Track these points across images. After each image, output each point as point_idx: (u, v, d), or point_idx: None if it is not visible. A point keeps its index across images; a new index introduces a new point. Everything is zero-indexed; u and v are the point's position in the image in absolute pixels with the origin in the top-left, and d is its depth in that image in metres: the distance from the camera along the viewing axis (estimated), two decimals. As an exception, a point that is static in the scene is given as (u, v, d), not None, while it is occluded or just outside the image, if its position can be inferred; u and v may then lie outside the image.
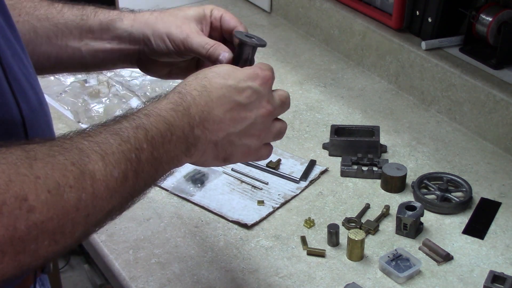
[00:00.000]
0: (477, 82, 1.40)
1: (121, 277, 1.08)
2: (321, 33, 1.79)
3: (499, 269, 1.07)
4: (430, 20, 1.51)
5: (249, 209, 1.21)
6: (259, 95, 0.82)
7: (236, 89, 0.80)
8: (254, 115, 0.82)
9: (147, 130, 0.71)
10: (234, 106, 0.80)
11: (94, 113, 1.44)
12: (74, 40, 0.93)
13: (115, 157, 0.66)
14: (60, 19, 0.93)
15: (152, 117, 0.73)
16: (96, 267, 2.01)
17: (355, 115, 1.50)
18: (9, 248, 0.57)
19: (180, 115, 0.75)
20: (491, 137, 1.39)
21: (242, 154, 0.84)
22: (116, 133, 0.68)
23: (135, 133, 0.70)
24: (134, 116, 0.72)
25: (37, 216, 0.58)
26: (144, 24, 0.92)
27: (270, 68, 0.85)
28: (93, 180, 0.63)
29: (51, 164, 0.60)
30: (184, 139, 0.76)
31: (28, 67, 0.75)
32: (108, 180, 0.65)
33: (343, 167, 1.30)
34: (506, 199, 1.24)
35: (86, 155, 0.64)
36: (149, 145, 0.71)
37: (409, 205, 1.16)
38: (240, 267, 1.09)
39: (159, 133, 0.72)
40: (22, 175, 0.58)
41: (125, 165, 0.67)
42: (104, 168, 0.65)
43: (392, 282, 1.06)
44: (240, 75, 0.81)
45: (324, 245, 1.13)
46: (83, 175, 0.62)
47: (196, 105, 0.77)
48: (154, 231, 1.17)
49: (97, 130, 0.68)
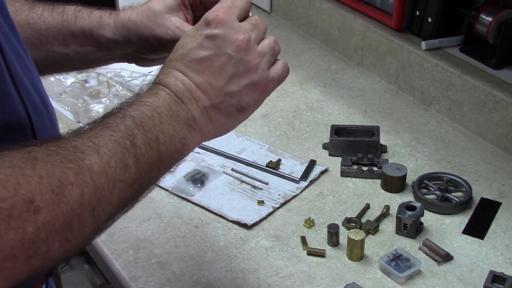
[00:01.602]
0: (477, 82, 1.40)
1: (121, 277, 1.08)
2: (321, 33, 1.79)
3: (499, 269, 1.07)
4: (430, 20, 1.51)
5: (249, 209, 1.21)
6: (219, 36, 0.76)
7: (196, 47, 0.76)
8: (228, 56, 0.76)
9: (133, 116, 0.71)
10: (203, 63, 0.76)
11: (94, 113, 1.44)
12: (59, 46, 0.92)
13: (109, 147, 0.66)
14: (42, 25, 0.92)
15: (134, 105, 0.73)
16: (96, 267, 2.01)
17: (355, 115, 1.50)
18: (21, 252, 0.57)
19: (161, 95, 0.74)
20: (491, 137, 1.39)
21: (251, 96, 0.78)
22: (105, 126, 0.69)
23: (123, 121, 0.70)
24: (117, 110, 0.72)
25: (43, 217, 0.58)
26: (126, 30, 0.91)
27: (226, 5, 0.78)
28: (92, 173, 0.63)
29: (50, 163, 0.61)
30: (176, 115, 0.74)
31: (32, 70, 0.75)
32: (107, 171, 0.65)
33: (343, 167, 1.30)
34: (506, 199, 1.24)
35: (81, 151, 0.64)
36: (141, 129, 0.70)
37: (409, 205, 1.16)
38: (240, 267, 1.09)
39: (145, 116, 0.71)
40: (27, 177, 0.58)
41: (121, 153, 0.67)
42: (101, 160, 0.65)
43: (392, 282, 1.06)
44: (192, 31, 0.77)
45: (324, 245, 1.13)
46: (82, 170, 0.63)
47: (169, 84, 0.75)
48: (154, 231, 1.17)
49: (88, 128, 0.69)
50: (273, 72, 0.81)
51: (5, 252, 0.55)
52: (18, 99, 0.69)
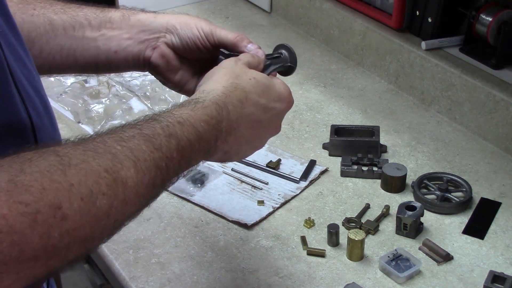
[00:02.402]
0: (477, 82, 1.40)
1: (121, 277, 1.08)
2: (321, 33, 1.79)
3: (499, 269, 1.07)
4: (430, 20, 1.51)
5: (249, 209, 1.21)
6: (279, 117, 0.86)
7: (265, 108, 0.83)
8: (266, 133, 0.86)
9: (178, 139, 0.72)
10: (256, 124, 0.83)
11: (94, 113, 1.44)
12: (92, 30, 0.94)
13: (146, 164, 0.66)
14: (79, 12, 0.94)
15: (185, 126, 0.73)
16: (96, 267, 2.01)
17: (355, 115, 1.50)
18: (42, 255, 0.56)
19: (211, 128, 0.77)
20: (491, 137, 1.39)
21: (240, 157, 0.87)
22: (149, 139, 0.68)
23: (168, 141, 0.70)
24: (168, 123, 0.72)
25: (70, 224, 0.58)
26: (168, 16, 0.95)
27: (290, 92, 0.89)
28: (125, 187, 0.63)
29: (84, 170, 0.60)
30: (207, 149, 0.77)
31: (31, 70, 0.75)
32: (139, 187, 0.65)
33: (343, 167, 1.30)
34: (506, 199, 1.24)
35: (119, 161, 0.64)
36: (179, 154, 0.71)
37: (409, 205, 1.16)
38: (240, 267, 1.09)
39: (189, 143, 0.73)
40: (56, 183, 0.57)
41: (155, 173, 0.68)
42: (136, 175, 0.65)
43: (392, 282, 1.06)
44: (273, 94, 0.84)
45: (324, 245, 1.13)
46: (116, 182, 0.62)
47: (229, 119, 0.79)
48: (154, 231, 1.17)
49: (130, 133, 0.68)
50: None
51: (28, 255, 0.55)
52: (19, 99, 0.69)
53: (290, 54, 0.96)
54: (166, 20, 0.94)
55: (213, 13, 1.97)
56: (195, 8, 1.99)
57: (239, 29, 1.87)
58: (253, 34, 1.85)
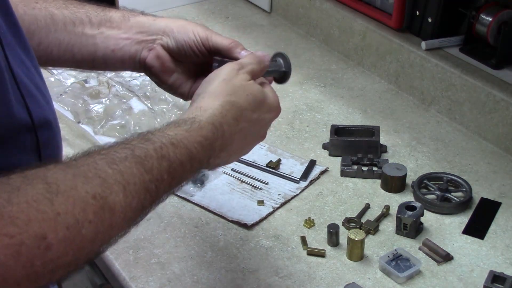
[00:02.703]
0: (477, 82, 1.40)
1: (121, 277, 1.08)
2: (321, 33, 1.79)
3: (499, 269, 1.07)
4: (430, 20, 1.51)
5: (249, 209, 1.21)
6: (266, 127, 0.89)
7: (256, 121, 0.86)
8: (255, 141, 0.89)
9: (171, 162, 0.72)
10: (248, 136, 0.86)
11: (94, 113, 1.44)
12: (92, 27, 0.94)
13: (136, 187, 0.67)
14: (81, 9, 0.95)
15: (178, 148, 0.74)
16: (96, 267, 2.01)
17: (355, 115, 1.50)
18: (25, 282, 0.57)
19: (205, 149, 0.78)
20: (491, 137, 1.39)
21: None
22: (140, 162, 0.68)
23: (159, 164, 0.70)
24: (161, 144, 0.72)
25: (54, 253, 0.58)
26: (167, 20, 0.96)
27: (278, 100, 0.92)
28: (112, 213, 0.63)
29: (72, 198, 0.60)
30: (199, 167, 0.79)
31: (30, 68, 0.75)
32: (126, 211, 0.65)
33: (343, 167, 1.30)
34: (506, 199, 1.24)
35: (108, 186, 0.64)
36: (169, 175, 0.72)
37: (409, 205, 1.16)
38: (240, 267, 1.09)
39: (180, 164, 0.74)
40: (42, 213, 0.57)
41: (144, 195, 0.68)
42: (124, 200, 0.65)
43: (392, 282, 1.06)
44: (265, 107, 0.87)
45: (324, 245, 1.13)
46: (103, 209, 0.62)
47: (223, 138, 0.81)
48: (154, 231, 1.17)
49: (122, 154, 0.68)
50: None
51: (11, 283, 0.56)
52: (20, 98, 0.69)
53: (284, 61, 0.96)
54: (165, 23, 0.95)
55: (213, 13, 1.97)
56: (195, 8, 1.99)
57: (239, 29, 1.87)
58: (253, 34, 1.85)
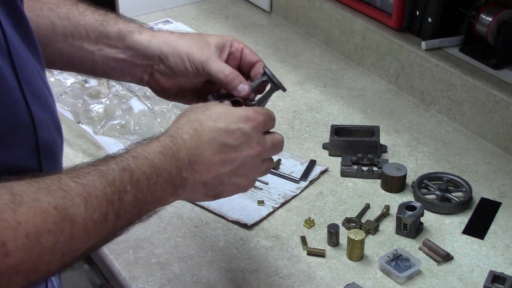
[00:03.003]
0: (477, 82, 1.40)
1: (121, 277, 1.08)
2: (321, 33, 1.79)
3: (499, 269, 1.07)
4: (430, 20, 1.51)
5: (249, 209, 1.21)
6: (248, 137, 0.84)
7: (226, 131, 0.82)
8: (243, 156, 0.84)
9: (132, 172, 0.72)
10: (223, 148, 0.82)
11: (94, 113, 1.44)
12: (90, 43, 0.94)
13: (98, 200, 0.68)
14: (81, 21, 0.94)
15: (139, 160, 0.74)
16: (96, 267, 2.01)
17: (355, 115, 1.50)
18: None
19: (168, 158, 0.77)
20: (491, 137, 1.39)
21: (231, 191, 0.86)
22: (102, 175, 0.70)
23: (121, 175, 0.71)
24: (122, 158, 0.73)
25: (12, 260, 0.60)
26: (163, 41, 0.93)
27: (266, 113, 0.87)
28: (72, 224, 0.65)
29: (34, 209, 0.62)
30: (171, 181, 0.77)
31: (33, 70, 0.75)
32: (87, 223, 0.67)
33: (343, 167, 1.30)
34: (506, 199, 1.24)
35: (70, 198, 0.65)
36: (133, 187, 0.72)
37: (409, 205, 1.16)
38: (240, 267, 1.09)
39: (144, 175, 0.74)
40: (4, 221, 0.60)
41: (106, 208, 0.69)
42: (85, 212, 0.66)
43: (392, 282, 1.06)
44: (232, 117, 0.83)
45: (324, 245, 1.13)
46: (63, 220, 0.64)
47: (186, 148, 0.79)
48: (154, 231, 1.17)
49: (86, 169, 0.70)
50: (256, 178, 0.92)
51: None
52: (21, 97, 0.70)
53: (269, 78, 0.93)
54: (159, 48, 0.93)
55: (213, 13, 1.97)
56: (195, 8, 1.99)
57: (239, 29, 1.87)
58: (253, 34, 1.85)
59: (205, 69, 0.91)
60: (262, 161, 0.87)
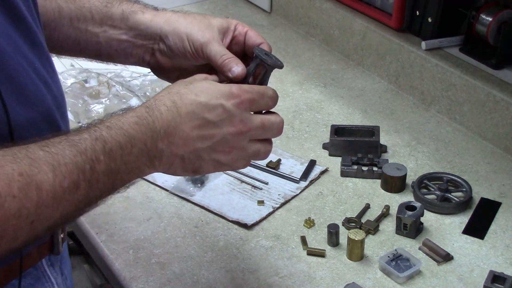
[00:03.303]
0: (477, 82, 1.40)
1: (121, 277, 1.08)
2: (321, 33, 1.79)
3: (499, 269, 1.07)
4: (430, 20, 1.51)
5: (249, 209, 1.21)
6: (229, 114, 0.81)
7: (207, 106, 0.80)
8: (223, 132, 0.81)
9: (105, 142, 0.71)
10: (203, 123, 0.79)
11: (94, 113, 1.44)
12: (95, 25, 0.94)
13: (67, 167, 0.67)
14: (86, 3, 0.94)
15: (113, 129, 0.73)
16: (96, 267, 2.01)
17: (355, 115, 1.50)
18: None
19: (143, 128, 0.76)
20: (491, 137, 1.39)
21: (212, 167, 0.83)
22: (74, 144, 0.69)
23: (93, 144, 0.70)
24: (96, 128, 0.73)
25: None
26: (164, 21, 0.92)
27: (256, 91, 0.84)
28: (39, 190, 0.64)
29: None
30: (146, 152, 0.76)
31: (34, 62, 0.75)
32: (56, 190, 0.66)
33: (343, 167, 1.30)
34: (506, 199, 1.24)
35: (37, 165, 0.65)
36: (106, 156, 0.71)
37: (409, 205, 1.16)
38: (240, 267, 1.09)
39: (118, 145, 0.73)
40: None
41: (77, 176, 0.68)
42: (53, 179, 0.66)
43: (392, 282, 1.06)
44: (214, 92, 0.81)
45: (324, 245, 1.13)
46: (29, 186, 0.64)
47: (163, 119, 0.77)
48: (154, 231, 1.17)
49: (57, 139, 0.69)
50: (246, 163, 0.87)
51: None
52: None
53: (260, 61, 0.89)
54: (160, 27, 0.92)
55: (213, 13, 1.97)
56: (195, 8, 1.99)
57: (239, 29, 1.87)
58: (253, 34, 1.85)
59: (204, 51, 0.89)
60: (251, 142, 0.83)
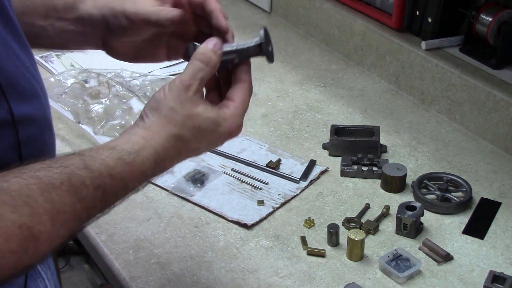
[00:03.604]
0: (477, 82, 1.40)
1: (121, 277, 1.08)
2: (321, 33, 1.79)
3: (499, 269, 1.07)
4: (430, 20, 1.51)
5: (249, 209, 1.21)
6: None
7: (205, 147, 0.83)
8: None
9: (105, 192, 0.72)
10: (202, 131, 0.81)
11: (94, 113, 1.44)
12: (40, 18, 0.92)
13: (66, 215, 0.67)
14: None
15: (115, 181, 0.73)
16: (96, 267, 2.01)
17: (355, 115, 1.50)
18: None
19: (141, 182, 0.77)
20: (491, 137, 1.39)
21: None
22: (75, 191, 0.68)
23: (94, 194, 0.70)
24: (99, 174, 0.71)
25: None
26: (103, 5, 0.90)
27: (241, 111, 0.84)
28: (37, 242, 0.64)
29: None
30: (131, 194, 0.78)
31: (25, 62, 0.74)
32: (53, 240, 0.66)
33: (343, 167, 1.30)
34: (506, 199, 1.24)
35: (37, 215, 0.64)
36: (102, 203, 0.72)
37: (409, 205, 1.16)
38: (240, 267, 1.09)
39: (115, 195, 0.74)
40: None
41: (73, 223, 0.68)
42: (51, 229, 0.65)
43: (392, 282, 1.06)
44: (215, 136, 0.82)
45: (324, 245, 1.13)
46: (26, 240, 0.62)
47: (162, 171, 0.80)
48: (154, 231, 1.17)
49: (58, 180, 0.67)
50: None
51: None
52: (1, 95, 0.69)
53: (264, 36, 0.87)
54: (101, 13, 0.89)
55: (213, 13, 1.96)
56: (195, 8, 1.99)
57: (239, 29, 1.87)
58: (253, 34, 1.84)
59: (140, 17, 0.86)
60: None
